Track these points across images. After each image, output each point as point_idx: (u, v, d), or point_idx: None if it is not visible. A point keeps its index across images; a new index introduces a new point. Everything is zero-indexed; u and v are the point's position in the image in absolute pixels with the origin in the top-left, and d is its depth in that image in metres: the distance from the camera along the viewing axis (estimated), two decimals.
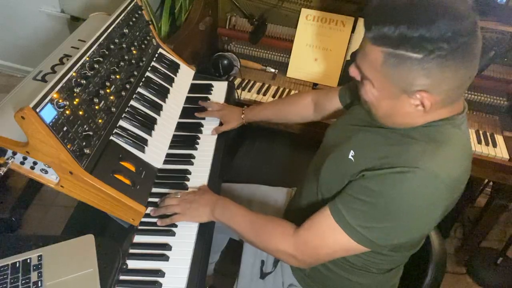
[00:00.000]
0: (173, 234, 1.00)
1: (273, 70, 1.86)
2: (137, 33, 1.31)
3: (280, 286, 1.14)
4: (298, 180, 1.15)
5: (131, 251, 0.96)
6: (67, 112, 0.91)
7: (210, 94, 1.46)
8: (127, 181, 0.99)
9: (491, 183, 1.86)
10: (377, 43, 0.72)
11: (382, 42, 0.71)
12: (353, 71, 0.82)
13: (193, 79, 1.50)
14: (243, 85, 1.76)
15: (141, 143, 1.10)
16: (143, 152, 1.10)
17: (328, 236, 0.85)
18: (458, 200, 0.85)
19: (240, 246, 1.24)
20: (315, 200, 0.99)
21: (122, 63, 1.16)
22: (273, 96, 1.72)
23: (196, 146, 1.25)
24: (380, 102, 0.80)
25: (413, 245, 0.96)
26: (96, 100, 1.01)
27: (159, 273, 0.91)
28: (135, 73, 1.23)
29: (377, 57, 0.73)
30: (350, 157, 0.88)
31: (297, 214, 1.05)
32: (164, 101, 1.30)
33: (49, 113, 0.86)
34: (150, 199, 1.06)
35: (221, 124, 1.34)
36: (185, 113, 1.35)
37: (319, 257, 0.90)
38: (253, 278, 1.18)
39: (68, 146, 0.88)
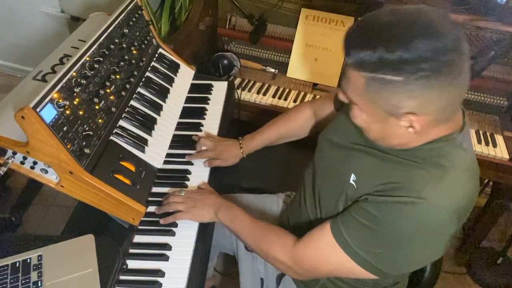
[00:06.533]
0: (173, 234, 1.00)
1: (273, 70, 1.86)
2: (137, 33, 1.31)
3: None
4: (296, 184, 1.14)
5: (131, 251, 0.96)
6: (67, 112, 0.91)
7: (210, 94, 1.46)
8: (127, 181, 0.99)
9: (491, 183, 1.86)
10: (358, 68, 0.70)
11: (362, 67, 0.70)
12: (341, 96, 0.80)
13: (193, 79, 1.50)
14: (243, 85, 1.76)
15: (141, 143, 1.10)
16: (143, 152, 1.10)
17: (327, 254, 0.83)
18: None
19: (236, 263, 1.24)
20: (314, 213, 0.98)
21: (122, 63, 1.16)
22: (273, 96, 1.72)
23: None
24: (371, 125, 0.79)
25: None
26: (96, 100, 1.01)
27: (159, 273, 0.91)
28: (135, 73, 1.23)
29: (359, 82, 0.71)
30: (351, 181, 0.85)
31: (295, 223, 1.05)
32: (164, 101, 1.30)
33: (49, 113, 0.85)
34: (150, 199, 1.06)
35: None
36: (185, 113, 1.35)
37: (317, 272, 0.89)
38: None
39: (68, 146, 0.88)
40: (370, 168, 0.84)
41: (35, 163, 0.89)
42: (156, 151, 1.15)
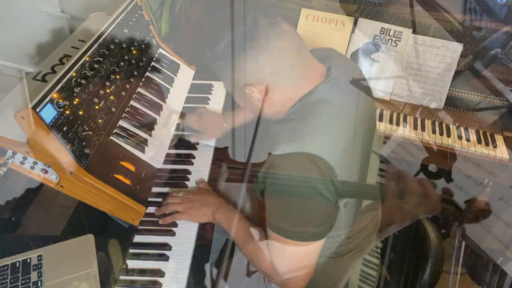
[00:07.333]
0: (173, 234, 1.00)
1: None
2: (137, 33, 1.31)
3: (263, 284, 1.15)
4: None
5: (131, 251, 0.96)
6: (67, 112, 0.91)
7: (210, 94, 1.46)
8: (127, 181, 0.99)
9: (491, 183, 1.86)
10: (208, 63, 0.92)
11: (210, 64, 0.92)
12: None
13: (193, 79, 1.51)
14: None
15: (141, 143, 1.10)
16: (143, 152, 1.10)
17: (293, 255, 0.86)
18: (458, 200, 0.85)
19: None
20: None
21: (122, 63, 1.16)
22: None
23: (196, 146, 1.25)
24: (240, 102, 0.94)
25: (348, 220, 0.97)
26: (96, 100, 1.01)
27: (159, 273, 0.91)
28: (135, 73, 1.23)
29: (214, 74, 0.93)
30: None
31: None
32: (164, 101, 1.30)
33: (49, 113, 0.86)
34: (150, 199, 1.06)
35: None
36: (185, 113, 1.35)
37: (305, 273, 0.90)
38: (240, 274, 1.19)
39: (68, 146, 0.88)
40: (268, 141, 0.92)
41: (35, 163, 0.89)
42: (156, 151, 1.15)
